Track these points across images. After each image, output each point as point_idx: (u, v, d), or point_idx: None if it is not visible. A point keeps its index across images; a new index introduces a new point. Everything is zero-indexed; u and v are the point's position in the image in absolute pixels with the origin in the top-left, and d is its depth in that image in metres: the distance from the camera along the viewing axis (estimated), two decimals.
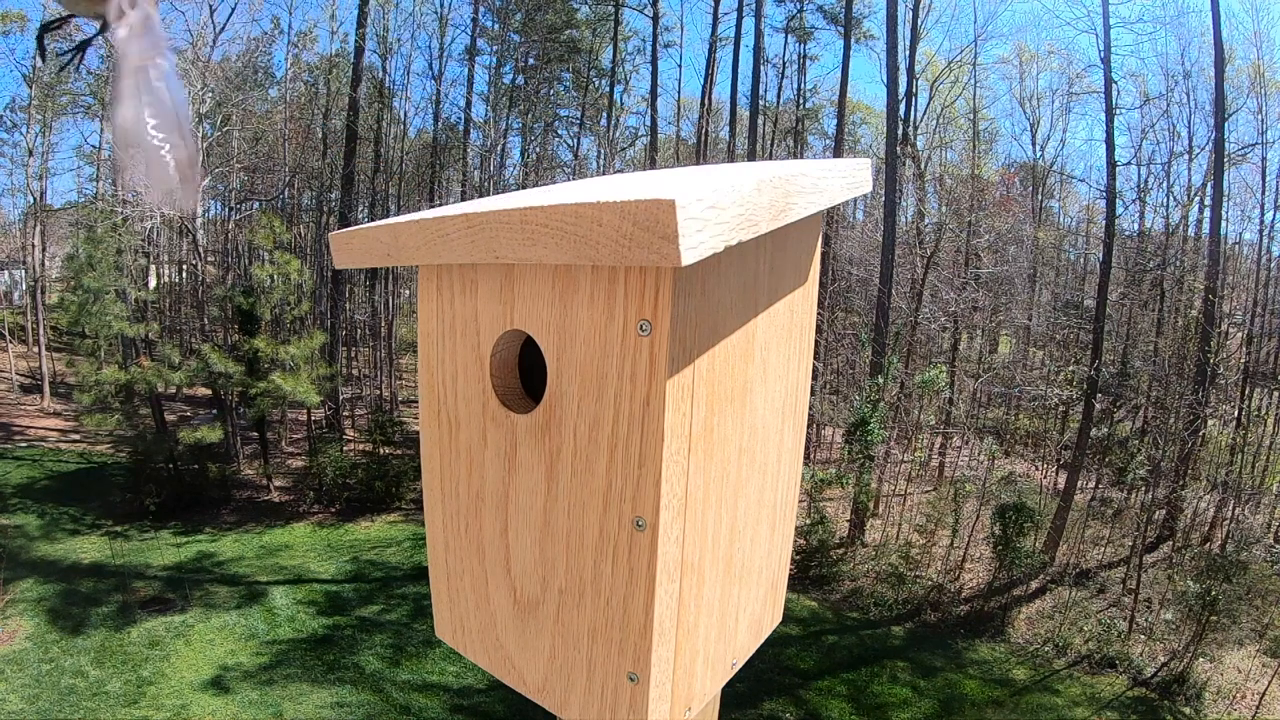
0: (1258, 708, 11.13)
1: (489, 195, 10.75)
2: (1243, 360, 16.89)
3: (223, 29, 20.42)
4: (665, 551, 0.66)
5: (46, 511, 15.38)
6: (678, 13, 34.29)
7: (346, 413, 20.56)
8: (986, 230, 19.55)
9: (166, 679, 10.43)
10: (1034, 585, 13.96)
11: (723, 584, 0.77)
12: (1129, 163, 18.58)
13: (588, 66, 25.56)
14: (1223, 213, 16.81)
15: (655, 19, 22.53)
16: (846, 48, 20.96)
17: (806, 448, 10.67)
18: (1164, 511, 15.05)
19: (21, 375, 23.30)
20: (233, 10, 20.71)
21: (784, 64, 24.99)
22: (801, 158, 17.42)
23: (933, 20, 24.39)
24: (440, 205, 0.89)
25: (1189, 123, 18.17)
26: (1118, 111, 17.84)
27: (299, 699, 10.23)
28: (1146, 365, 17.57)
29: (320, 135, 23.48)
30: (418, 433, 0.88)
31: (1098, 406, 16.05)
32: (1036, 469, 18.77)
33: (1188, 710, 11.12)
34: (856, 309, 21.16)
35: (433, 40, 22.41)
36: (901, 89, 19.88)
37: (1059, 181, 23.95)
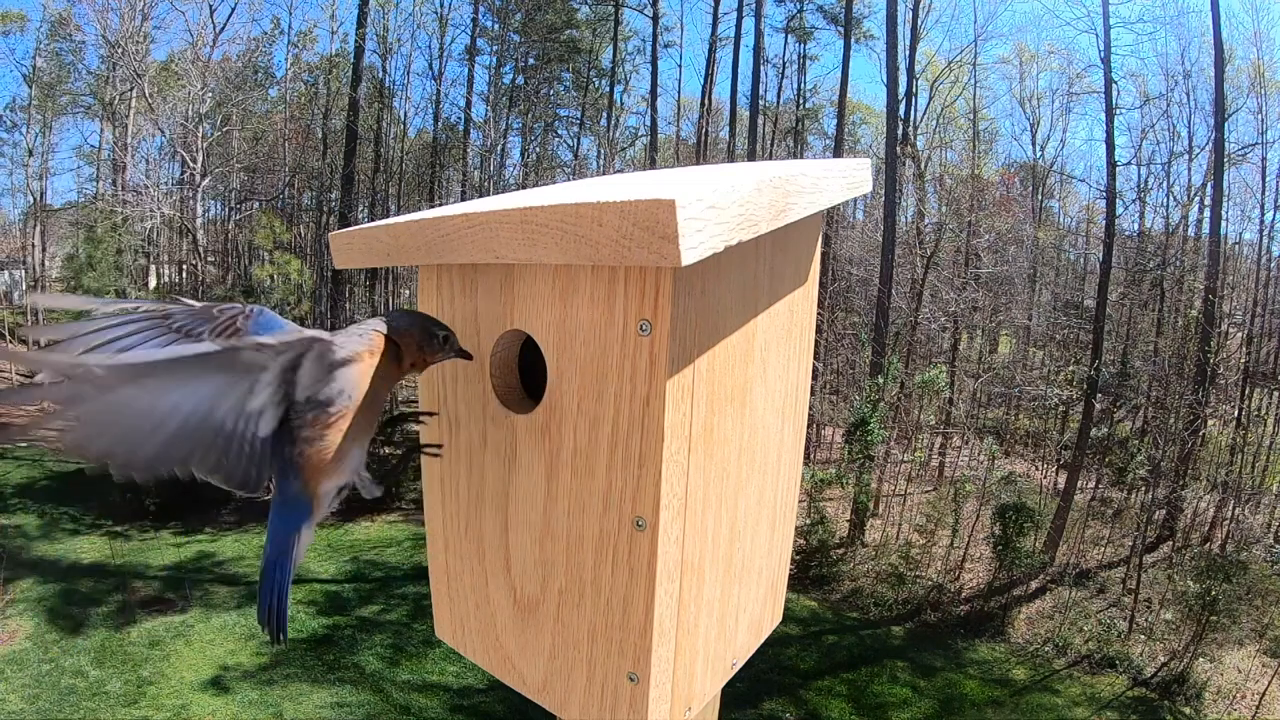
0: (1258, 708, 11.13)
1: (489, 195, 10.75)
2: (1243, 360, 16.88)
3: (223, 29, 20.43)
4: (665, 551, 0.66)
5: (46, 511, 15.37)
6: (678, 13, 34.19)
7: None
8: (986, 230, 19.54)
9: (166, 679, 10.43)
10: (1034, 585, 13.96)
11: (723, 584, 0.77)
12: (1129, 163, 18.57)
13: (588, 66, 25.54)
14: (1223, 213, 16.82)
15: (655, 19, 22.53)
16: (846, 48, 20.97)
17: (806, 448, 10.67)
18: (1164, 511, 15.04)
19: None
20: (233, 10, 20.70)
21: (784, 64, 24.97)
22: (801, 158, 17.42)
23: (933, 20, 24.30)
24: (440, 205, 0.89)
25: (1189, 123, 18.16)
26: (1118, 111, 17.85)
27: (299, 699, 10.23)
28: (1146, 365, 17.56)
29: (320, 135, 23.47)
30: (418, 433, 0.88)
31: (1098, 406, 16.05)
32: (1036, 469, 18.76)
33: (1188, 710, 11.12)
34: (856, 309, 21.14)
35: (433, 40, 22.43)
36: (901, 89, 19.88)
37: (1059, 181, 23.93)
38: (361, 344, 0.68)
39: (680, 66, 39.22)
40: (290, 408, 0.64)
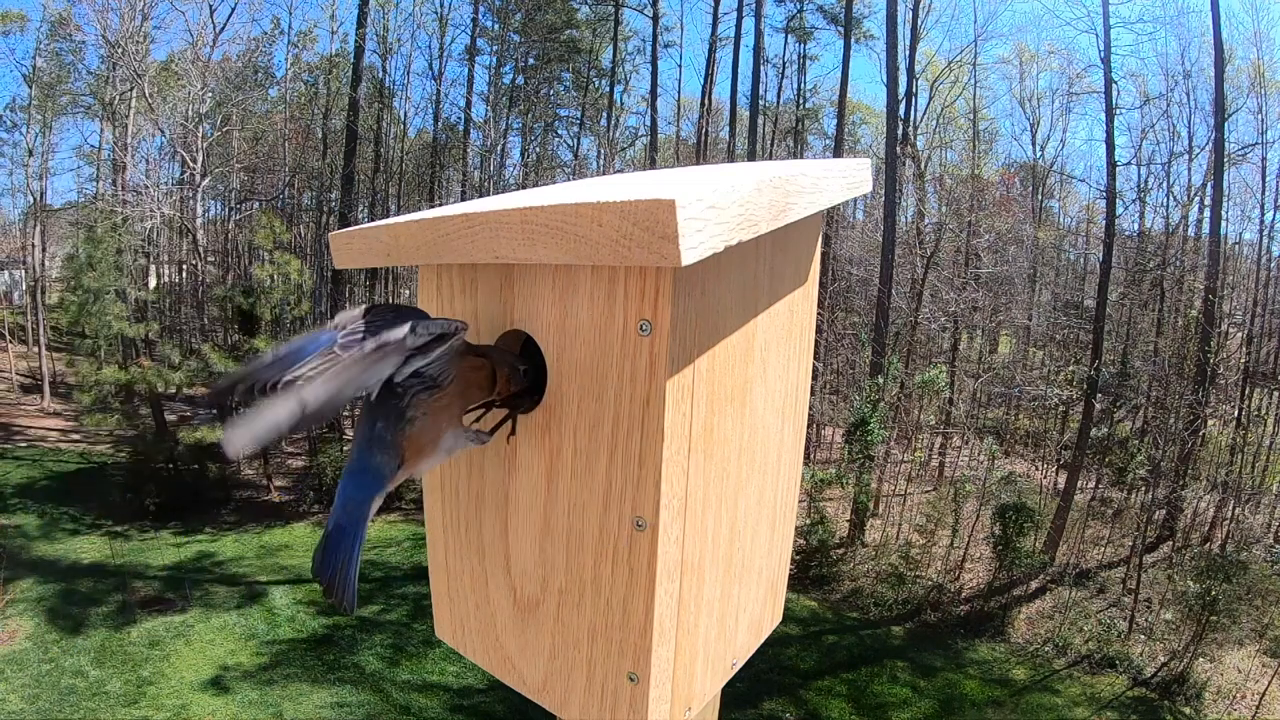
0: (1258, 708, 11.13)
1: (489, 195, 10.75)
2: (1243, 360, 16.88)
3: (223, 29, 20.42)
4: (665, 551, 0.66)
5: (46, 511, 15.37)
6: (678, 13, 34.24)
7: (346, 412, 20.55)
8: (986, 230, 19.54)
9: (166, 679, 10.43)
10: (1034, 585, 13.96)
11: (723, 584, 0.77)
12: (1129, 163, 18.56)
13: (588, 66, 25.54)
14: (1223, 213, 16.81)
15: (655, 19, 22.53)
16: (846, 48, 20.96)
17: (806, 448, 10.67)
18: (1164, 511, 15.04)
19: (21, 375, 23.29)
20: (233, 10, 20.68)
21: (784, 64, 24.97)
22: (801, 158, 17.42)
23: (933, 20, 24.31)
24: (440, 205, 0.89)
25: (1189, 123, 18.15)
26: (1118, 111, 17.84)
27: (299, 699, 10.23)
28: (1146, 365, 17.55)
29: (320, 135, 23.47)
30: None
31: (1098, 406, 16.04)
32: (1036, 469, 18.76)
33: (1188, 710, 11.12)
34: (856, 309, 21.14)
35: (433, 40, 22.42)
36: (901, 89, 19.87)
37: (1059, 181, 23.93)
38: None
39: (680, 66, 39.26)
40: (394, 380, 0.67)
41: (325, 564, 0.65)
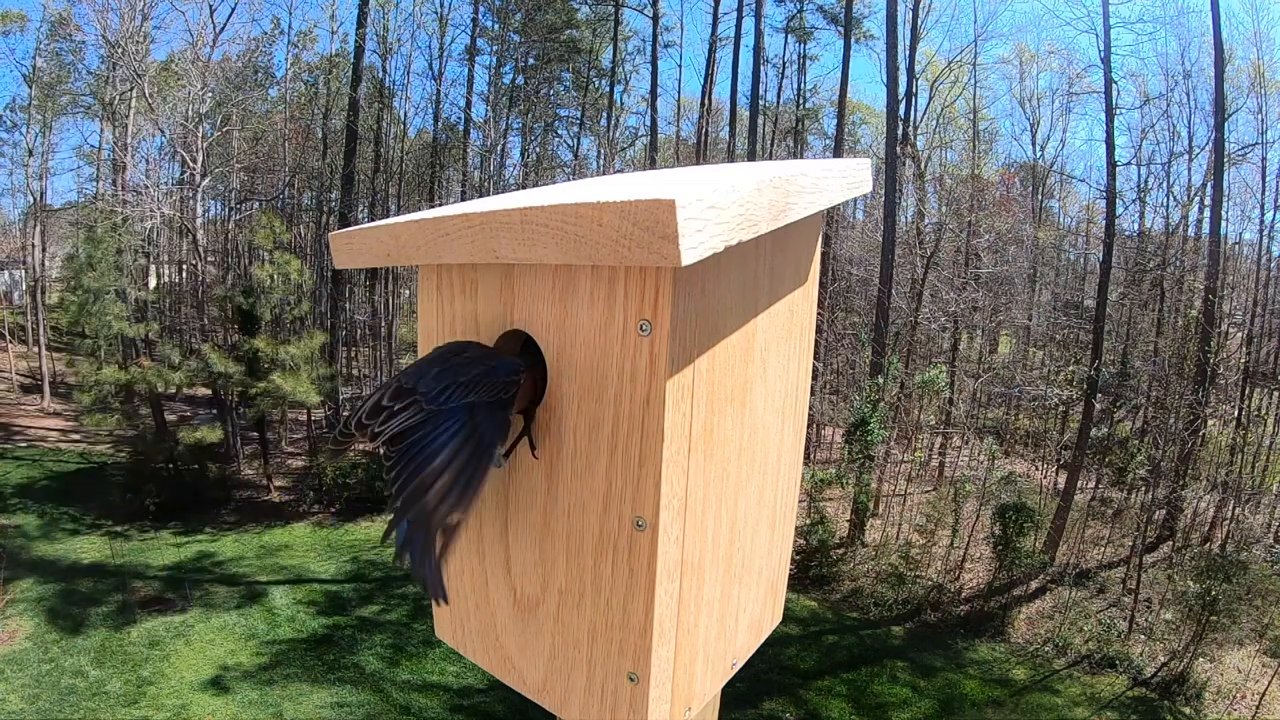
0: (1258, 708, 11.13)
1: (489, 195, 10.75)
2: (1243, 360, 16.88)
3: (223, 29, 20.42)
4: (665, 552, 0.66)
5: (46, 511, 15.37)
6: (678, 13, 34.27)
7: (346, 412, 20.48)
8: (986, 230, 19.54)
9: (166, 679, 10.43)
10: (1034, 585, 13.96)
11: (723, 584, 0.77)
12: (1129, 163, 18.56)
13: (588, 66, 25.54)
14: (1223, 213, 16.80)
15: (655, 19, 22.52)
16: (846, 48, 20.96)
17: (806, 448, 10.67)
18: (1164, 511, 15.04)
19: (21, 375, 23.29)
20: (233, 10, 20.67)
21: (784, 64, 24.97)
22: (801, 158, 17.42)
23: (933, 20, 24.32)
24: (440, 205, 0.89)
25: (1189, 123, 18.15)
26: (1118, 111, 17.83)
27: (299, 699, 10.23)
28: (1146, 365, 17.55)
29: (320, 135, 23.47)
30: None
31: (1098, 406, 16.04)
32: (1036, 469, 18.76)
33: (1188, 710, 11.12)
34: (856, 309, 21.14)
35: (433, 40, 22.42)
36: (901, 89, 19.87)
37: (1059, 181, 23.93)
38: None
39: (680, 66, 39.27)
40: None
41: (423, 563, 0.65)
